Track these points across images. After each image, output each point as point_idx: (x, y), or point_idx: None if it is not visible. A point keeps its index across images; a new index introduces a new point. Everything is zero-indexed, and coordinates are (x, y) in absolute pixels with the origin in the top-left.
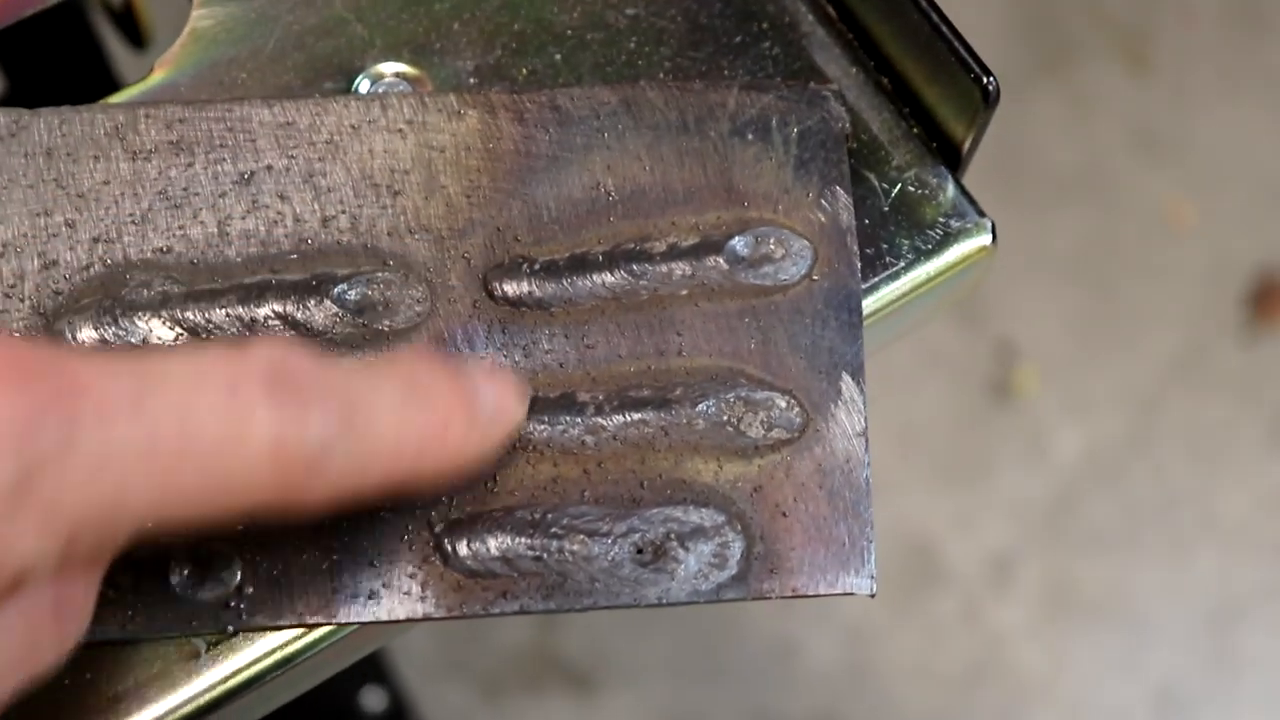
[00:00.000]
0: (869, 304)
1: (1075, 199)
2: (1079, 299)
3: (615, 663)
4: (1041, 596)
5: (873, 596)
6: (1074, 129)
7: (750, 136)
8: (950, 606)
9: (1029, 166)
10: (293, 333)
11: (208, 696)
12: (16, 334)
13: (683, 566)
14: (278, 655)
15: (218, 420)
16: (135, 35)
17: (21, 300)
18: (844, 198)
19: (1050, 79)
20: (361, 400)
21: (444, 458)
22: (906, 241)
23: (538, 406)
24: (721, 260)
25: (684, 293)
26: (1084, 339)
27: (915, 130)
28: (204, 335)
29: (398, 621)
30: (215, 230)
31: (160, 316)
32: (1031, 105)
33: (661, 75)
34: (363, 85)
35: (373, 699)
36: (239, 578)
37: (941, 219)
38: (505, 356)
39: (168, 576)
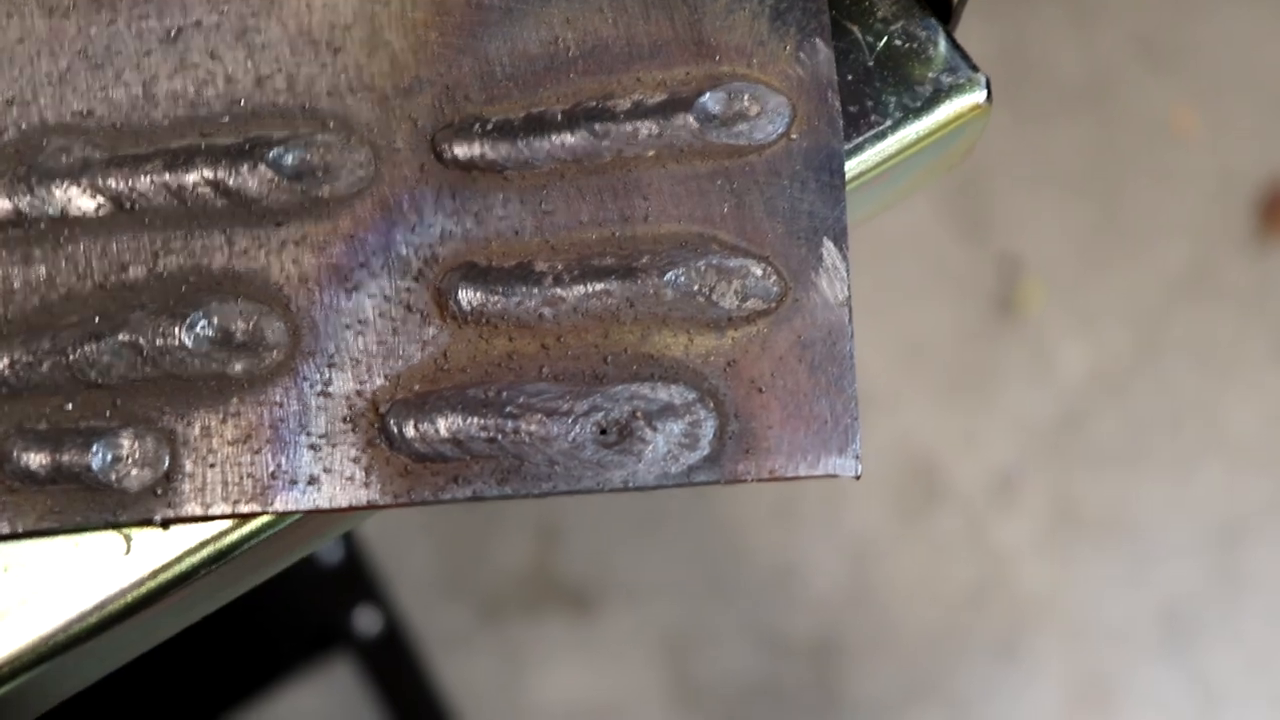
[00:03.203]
0: (853, 166)
1: (1079, 109)
2: (1084, 211)
3: (615, 584)
4: (1045, 514)
5: (857, 478)
6: (1078, 38)
7: None
8: (953, 525)
9: (1032, 77)
10: (225, 201)
11: (134, 594)
12: None
13: (650, 447)
14: (210, 549)
15: None
16: None
17: None
18: (824, 51)
19: None
20: None
21: None
22: (893, 99)
23: (491, 277)
24: (691, 118)
25: (650, 154)
26: (1089, 252)
27: None
28: (129, 205)
29: (340, 510)
30: (140, 92)
31: (80, 184)
32: (1034, 14)
33: None
34: None
35: (366, 621)
36: (167, 462)
37: (931, 75)
38: (455, 224)
39: (88, 460)
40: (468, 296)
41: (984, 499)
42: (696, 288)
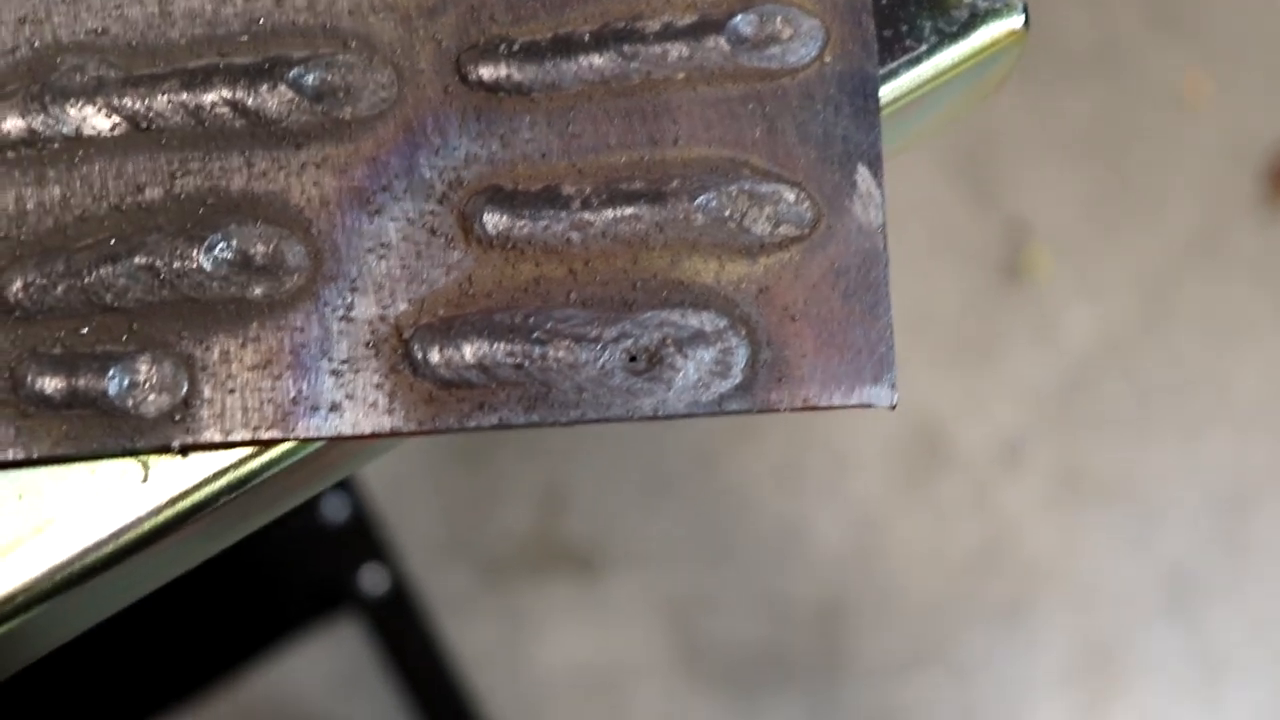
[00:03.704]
0: (887, 91)
1: (1089, 74)
2: (1093, 177)
3: (620, 546)
4: (1052, 480)
5: (893, 408)
6: (1088, 1)
7: None
8: (959, 491)
9: (1041, 41)
10: (244, 122)
11: (151, 523)
12: None
13: (680, 375)
14: (230, 477)
15: None
16: None
17: None
18: None
19: None
20: None
21: None
22: (929, 23)
23: (517, 200)
24: (722, 40)
25: (680, 76)
26: (1097, 218)
27: None
28: (145, 125)
29: (363, 437)
30: (156, 10)
31: (95, 104)
32: None
33: None
34: None
35: (372, 581)
36: (185, 387)
37: (968, 0)
38: (480, 147)
39: (104, 385)
40: (493, 220)
41: (989, 464)
42: (728, 213)
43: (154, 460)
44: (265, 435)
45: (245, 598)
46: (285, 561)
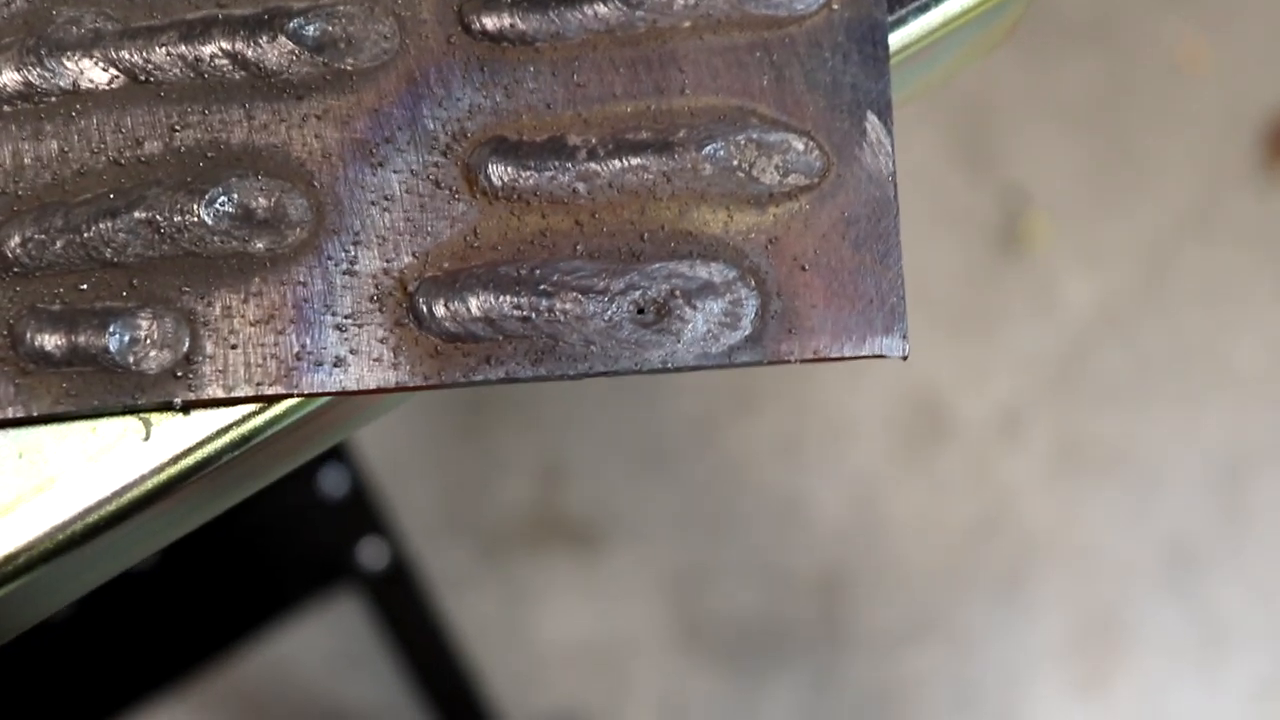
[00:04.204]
0: (896, 39)
1: (1087, 40)
2: (1091, 146)
3: (619, 519)
4: (1051, 450)
5: (904, 359)
6: None
7: None
8: (958, 461)
9: (1040, 6)
10: (244, 74)
11: (153, 481)
12: None
13: (690, 326)
14: (233, 434)
15: None
16: None
17: None
18: None
19: None
20: None
21: None
22: None
23: (522, 151)
24: None
25: (686, 24)
26: (1096, 187)
27: None
28: (143, 78)
29: (368, 392)
30: None
31: (92, 56)
32: None
33: None
34: None
35: (372, 556)
36: (187, 343)
37: None
38: (484, 98)
39: (105, 341)
40: (498, 171)
41: (989, 435)
42: (736, 162)
43: (156, 418)
44: (269, 391)
45: (243, 573)
46: (283, 536)
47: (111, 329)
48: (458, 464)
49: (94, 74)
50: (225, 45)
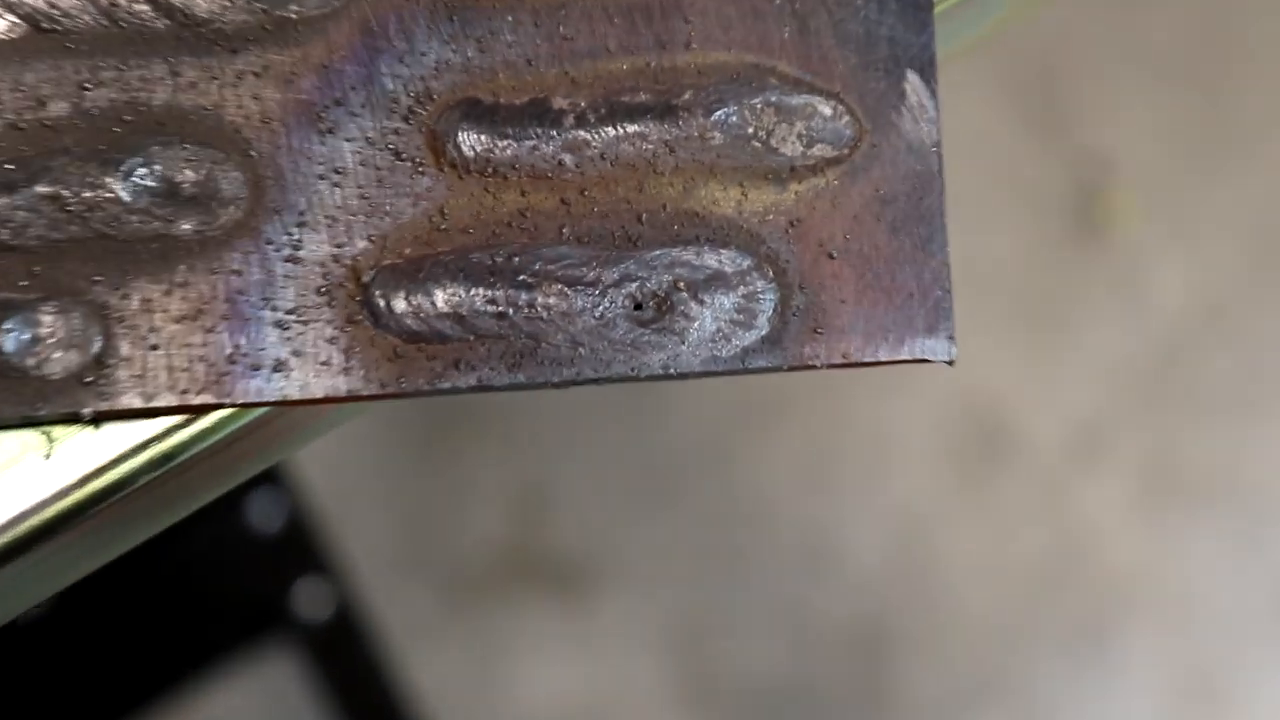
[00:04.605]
0: None
1: None
2: (1185, 104)
3: (612, 559)
4: (1138, 476)
5: (951, 364)
6: None
7: None
8: (1025, 490)
9: None
10: (168, 22)
11: (56, 508)
12: None
13: (696, 325)
14: (153, 451)
15: None
16: None
17: None
18: None
19: None
20: None
21: None
22: None
23: (499, 116)
24: None
25: None
26: (1191, 154)
27: None
28: (46, 26)
29: (314, 401)
30: None
31: None
32: None
33: None
34: None
35: (313, 600)
36: (99, 343)
37: None
38: (454, 52)
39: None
40: (470, 140)
41: (1062, 457)
42: (751, 130)
43: (60, 432)
44: (196, 400)
45: (157, 623)
46: (206, 578)
47: (7, 326)
48: (418, 491)
49: None
50: None
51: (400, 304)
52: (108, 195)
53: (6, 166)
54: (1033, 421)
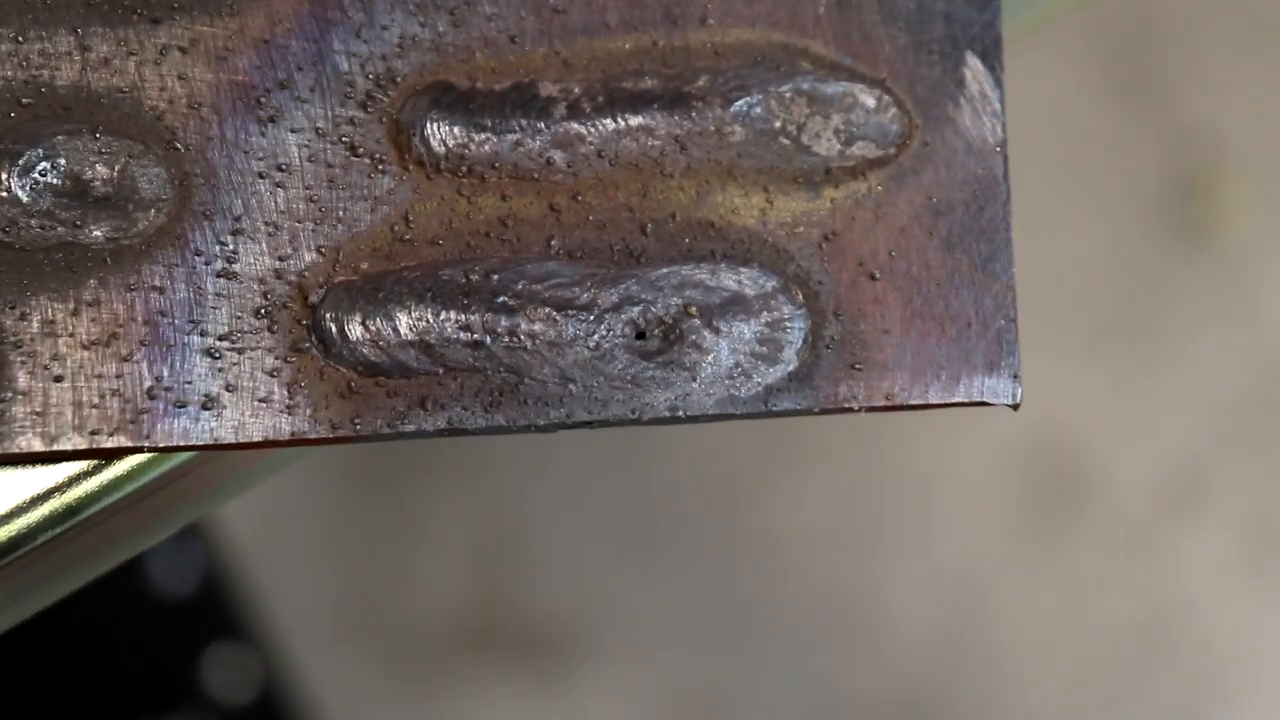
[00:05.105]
0: None
1: None
2: None
3: (598, 622)
4: (1245, 529)
5: (1015, 408)
6: None
7: None
8: (1107, 543)
9: None
10: None
11: None
12: None
13: (710, 358)
14: (54, 503)
15: None
16: None
17: None
18: None
19: None
20: None
21: None
22: None
23: (476, 104)
24: None
25: None
26: None
27: None
28: None
29: (251, 445)
30: None
31: None
32: None
33: None
34: None
35: (230, 674)
36: None
37: None
38: (422, 26)
39: None
40: (440, 132)
41: (1152, 506)
42: (779, 124)
43: None
44: (108, 443)
45: (50, 702)
46: (105, 651)
47: None
48: (364, 542)
49: None
50: None
51: (356, 329)
52: (1, 195)
53: None
54: (1117, 464)
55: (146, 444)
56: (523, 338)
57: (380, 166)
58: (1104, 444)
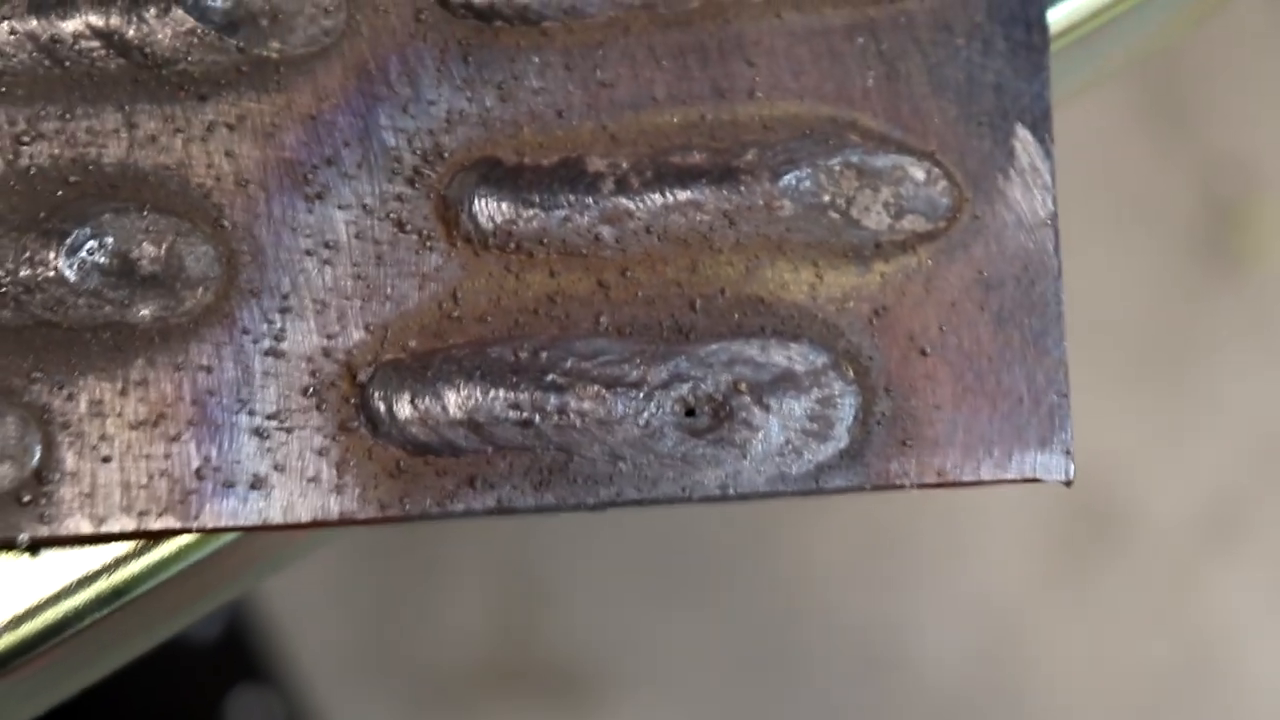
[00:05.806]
0: (1058, 18)
1: None
2: None
3: (622, 664)
4: None
5: (1068, 484)
6: None
7: None
8: (1144, 581)
9: None
10: (122, 61)
11: None
12: None
13: (760, 436)
14: (102, 585)
15: None
16: None
17: None
18: None
19: None
20: None
21: None
22: None
23: (523, 180)
24: None
25: None
26: None
27: None
28: None
29: (299, 526)
30: None
31: None
32: None
33: None
34: None
35: (254, 715)
36: (38, 454)
37: None
38: (469, 101)
39: None
40: (488, 209)
41: (1190, 543)
42: (828, 197)
43: None
44: (156, 524)
45: None
46: (132, 694)
47: None
48: (386, 583)
49: None
50: (96, 20)
51: (404, 409)
52: (49, 274)
53: None
54: (1154, 498)
55: (194, 525)
56: (572, 416)
57: (428, 243)
58: (1139, 478)
